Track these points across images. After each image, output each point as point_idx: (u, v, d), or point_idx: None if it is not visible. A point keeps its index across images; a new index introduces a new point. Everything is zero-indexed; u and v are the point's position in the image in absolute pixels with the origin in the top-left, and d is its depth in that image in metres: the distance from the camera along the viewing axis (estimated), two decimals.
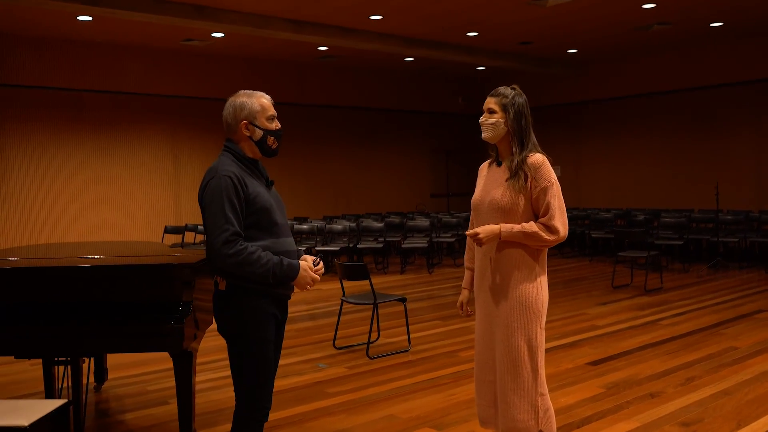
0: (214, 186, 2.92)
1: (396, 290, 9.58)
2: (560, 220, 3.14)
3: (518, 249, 3.18)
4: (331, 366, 5.74)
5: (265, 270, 2.88)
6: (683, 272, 10.71)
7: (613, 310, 7.87)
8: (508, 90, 3.26)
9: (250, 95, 3.07)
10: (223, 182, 2.91)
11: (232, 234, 2.86)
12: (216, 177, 2.94)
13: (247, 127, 3.06)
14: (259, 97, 3.07)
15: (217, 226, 2.87)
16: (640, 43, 12.72)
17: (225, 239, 2.85)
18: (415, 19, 10.45)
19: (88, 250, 4.56)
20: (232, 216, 2.87)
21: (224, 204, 2.87)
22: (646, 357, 5.76)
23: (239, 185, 2.92)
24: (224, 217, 2.86)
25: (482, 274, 3.29)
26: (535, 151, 3.23)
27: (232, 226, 2.86)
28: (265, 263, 2.88)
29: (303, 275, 3.02)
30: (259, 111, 3.04)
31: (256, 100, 3.05)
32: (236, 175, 2.93)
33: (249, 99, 3.06)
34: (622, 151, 14.76)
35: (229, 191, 2.89)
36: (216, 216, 2.88)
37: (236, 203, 2.89)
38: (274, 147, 3.10)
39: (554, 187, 3.16)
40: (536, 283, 3.20)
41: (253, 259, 2.86)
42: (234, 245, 2.85)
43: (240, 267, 2.87)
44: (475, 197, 3.35)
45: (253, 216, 2.94)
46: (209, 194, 2.93)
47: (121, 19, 9.62)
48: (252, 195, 2.95)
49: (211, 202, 2.91)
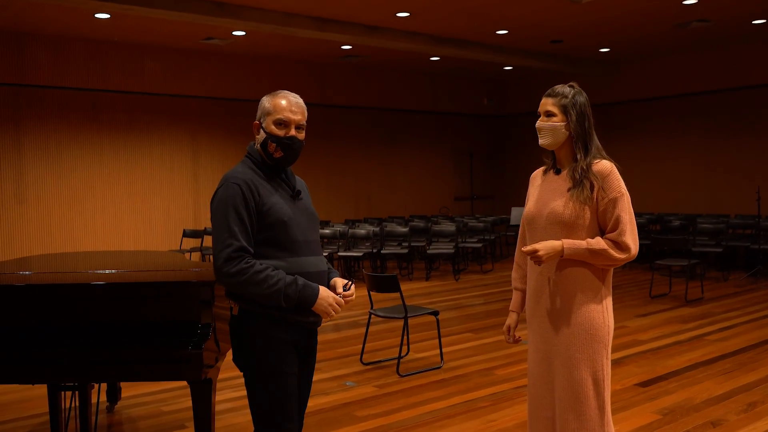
0: (220, 196, 2.57)
1: (422, 298, 9.21)
2: (631, 236, 2.75)
3: (582, 268, 2.79)
4: (359, 384, 5.38)
5: (274, 291, 2.50)
6: (722, 281, 10.23)
7: (654, 322, 7.44)
8: (567, 89, 2.87)
9: (274, 95, 2.71)
10: (230, 191, 2.55)
11: (235, 250, 2.49)
12: (224, 185, 2.58)
13: (257, 128, 2.71)
14: (281, 97, 2.69)
15: (219, 240, 2.52)
16: (675, 42, 12.24)
17: (227, 256, 2.49)
18: (444, 16, 10.06)
19: (98, 263, 4.22)
20: (237, 229, 2.51)
21: (229, 215, 2.52)
22: (699, 378, 5.33)
23: (250, 194, 2.56)
24: (228, 230, 2.51)
25: (538, 297, 2.90)
26: (601, 157, 2.84)
27: (236, 241, 2.50)
28: (274, 283, 2.50)
29: (322, 301, 2.59)
30: (270, 111, 2.67)
31: (273, 99, 2.69)
32: (247, 183, 2.58)
33: (269, 97, 2.70)
34: (654, 153, 14.27)
35: (236, 201, 2.53)
36: (219, 229, 2.53)
37: (244, 215, 2.54)
38: (276, 156, 2.68)
39: (625, 198, 2.77)
40: (602, 306, 2.80)
41: (259, 278, 2.49)
42: (237, 263, 2.49)
43: (244, 287, 2.51)
44: (529, 209, 2.95)
45: (268, 230, 2.58)
46: (215, 205, 2.59)
47: (139, 16, 9.33)
48: (266, 206, 2.58)
49: (216, 214, 2.56)
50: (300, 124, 2.71)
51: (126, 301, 3.31)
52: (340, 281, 2.76)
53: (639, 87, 14.29)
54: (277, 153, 2.67)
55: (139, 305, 3.30)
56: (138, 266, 4.06)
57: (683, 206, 13.64)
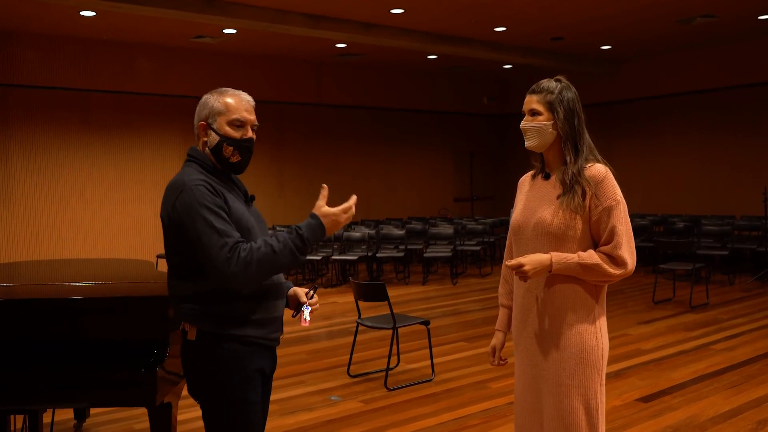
0: (187, 201, 2.26)
1: (418, 303, 8.93)
2: (628, 249, 2.45)
3: (573, 285, 2.50)
4: (344, 399, 5.09)
5: (288, 253, 2.23)
6: (728, 285, 9.92)
7: (658, 330, 7.14)
8: (553, 83, 2.57)
9: (221, 92, 2.41)
10: (197, 192, 2.25)
11: (232, 247, 2.19)
12: (186, 190, 2.28)
13: (205, 129, 2.42)
14: (230, 95, 2.40)
15: (211, 245, 2.20)
16: (679, 38, 11.92)
17: (225, 257, 2.18)
18: (440, 13, 9.76)
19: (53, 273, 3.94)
20: (222, 226, 2.22)
21: (208, 216, 2.22)
22: (705, 392, 5.03)
23: (217, 194, 2.28)
24: (215, 231, 2.20)
25: (525, 316, 2.60)
26: (594, 159, 2.55)
27: (229, 238, 2.20)
28: (282, 246, 2.22)
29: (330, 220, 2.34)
30: (222, 111, 2.39)
31: (223, 98, 2.40)
32: (210, 184, 2.30)
33: (215, 96, 2.41)
34: (657, 153, 13.95)
35: (207, 199, 2.24)
36: (205, 235, 2.21)
37: (221, 212, 2.25)
38: (233, 160, 2.40)
39: (620, 206, 2.47)
40: (595, 327, 2.51)
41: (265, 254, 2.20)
42: (236, 258, 2.18)
43: (261, 275, 2.23)
44: (516, 218, 2.65)
45: None
46: (185, 212, 2.26)
47: (126, 14, 9.06)
48: (232, 209, 2.31)
49: (192, 222, 2.24)
50: (255, 125, 2.45)
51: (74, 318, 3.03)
52: (300, 290, 2.53)
53: (642, 85, 13.97)
54: (233, 157, 2.40)
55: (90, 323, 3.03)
56: (95, 277, 3.77)
57: (687, 207, 13.32)
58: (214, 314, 2.29)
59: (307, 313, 2.43)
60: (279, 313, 2.43)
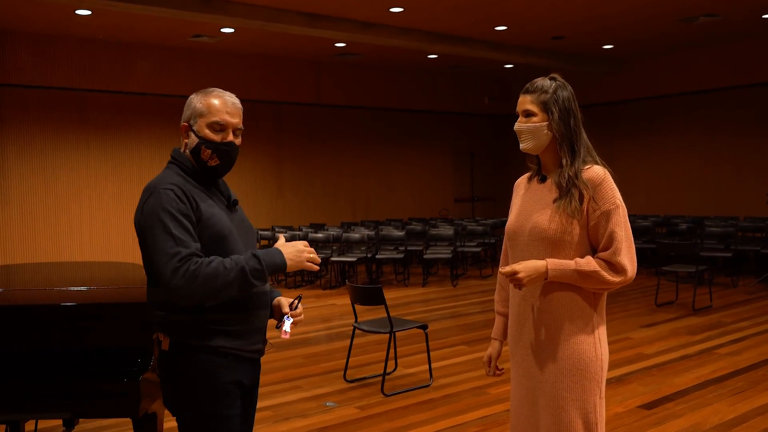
0: (151, 206, 2.17)
1: (417, 305, 8.82)
2: (627, 254, 2.34)
3: (570, 293, 2.38)
4: (340, 405, 4.98)
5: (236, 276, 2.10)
6: (731, 287, 9.79)
7: (660, 333, 7.01)
8: (547, 82, 2.45)
9: (206, 93, 2.31)
10: (162, 197, 2.15)
11: (181, 259, 2.08)
12: (153, 194, 2.18)
13: (186, 131, 2.32)
14: (214, 96, 2.29)
15: (163, 254, 2.09)
16: (682, 37, 11.80)
17: (173, 268, 2.07)
18: (439, 11, 9.65)
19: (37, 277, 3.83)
20: (181, 236, 2.11)
21: (167, 223, 2.11)
22: (709, 398, 4.91)
23: (186, 199, 2.18)
24: (171, 238, 2.09)
25: (521, 326, 2.49)
26: (592, 161, 2.44)
27: (183, 248, 2.09)
28: (231, 267, 2.10)
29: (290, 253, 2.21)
30: (203, 113, 2.28)
31: (206, 99, 2.29)
32: (180, 188, 2.20)
33: (199, 97, 2.31)
34: (659, 153, 13.83)
35: (171, 205, 2.14)
36: (159, 242, 2.11)
37: (183, 220, 2.14)
38: (211, 164, 2.29)
39: (620, 210, 2.36)
40: (594, 338, 2.39)
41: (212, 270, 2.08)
42: (184, 270, 2.06)
43: (204, 294, 2.10)
44: (511, 222, 2.54)
45: (205, 246, 2.18)
46: (145, 217, 2.17)
47: (122, 12, 8.97)
48: (204, 217, 2.19)
49: (150, 227, 2.14)
50: (238, 128, 2.33)
51: (55, 325, 2.92)
52: (284, 299, 2.39)
53: (644, 85, 13.84)
54: (212, 161, 2.29)
55: (72, 330, 2.92)
56: (77, 282, 3.67)
57: (690, 208, 13.19)
58: (187, 324, 2.19)
59: (287, 325, 2.28)
60: (260, 324, 2.32)
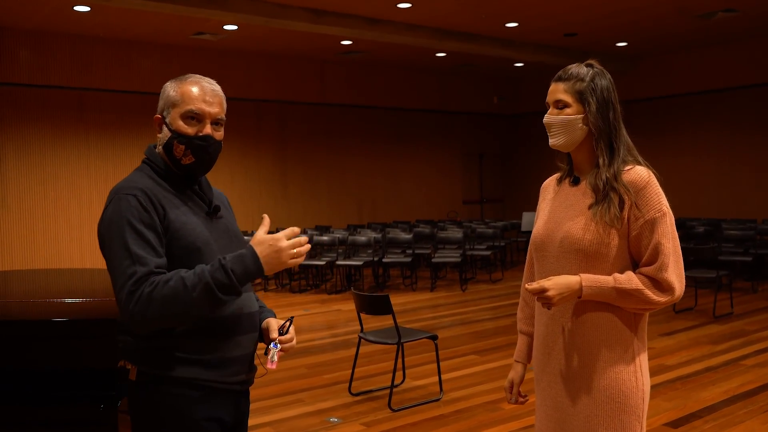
0: (110, 214, 1.86)
1: (425, 311, 8.51)
2: (675, 270, 2.01)
3: (607, 313, 2.07)
4: (344, 420, 4.68)
5: (202, 291, 1.76)
6: (751, 293, 9.45)
7: (682, 343, 6.68)
8: (584, 68, 2.14)
9: (181, 80, 2.00)
10: (123, 204, 1.84)
11: (140, 279, 1.77)
12: (114, 200, 1.88)
13: (159, 123, 2.01)
14: (191, 83, 1.98)
15: (119, 272, 1.79)
16: (698, 34, 11.46)
17: (128, 291, 1.76)
18: (448, 7, 9.34)
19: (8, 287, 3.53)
20: (141, 252, 1.79)
21: (126, 236, 1.80)
22: (739, 415, 4.59)
23: (151, 207, 1.86)
24: (128, 256, 1.79)
25: (549, 349, 2.17)
26: (634, 161, 2.12)
27: (141, 267, 1.78)
28: (196, 282, 1.76)
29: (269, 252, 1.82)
30: (176, 102, 1.96)
31: (181, 86, 1.97)
32: (146, 193, 1.87)
33: (176, 83, 1.99)
34: (675, 154, 13.48)
35: (132, 216, 1.83)
36: (116, 258, 1.81)
37: (147, 232, 1.82)
38: (185, 162, 1.96)
39: (666, 219, 2.03)
40: (634, 366, 2.07)
41: (171, 290, 1.75)
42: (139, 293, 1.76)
43: (164, 318, 1.78)
44: (538, 231, 2.22)
45: (176, 260, 1.86)
46: (106, 227, 1.86)
47: (121, 8, 8.69)
48: (174, 226, 1.88)
49: (108, 240, 1.84)
50: (218, 119, 2.00)
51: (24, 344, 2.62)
52: (274, 322, 2.04)
53: (659, 83, 13.50)
54: (186, 158, 1.97)
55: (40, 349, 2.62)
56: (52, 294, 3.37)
57: (707, 210, 12.84)
58: (155, 351, 1.87)
59: (274, 353, 1.93)
60: (244, 351, 1.97)
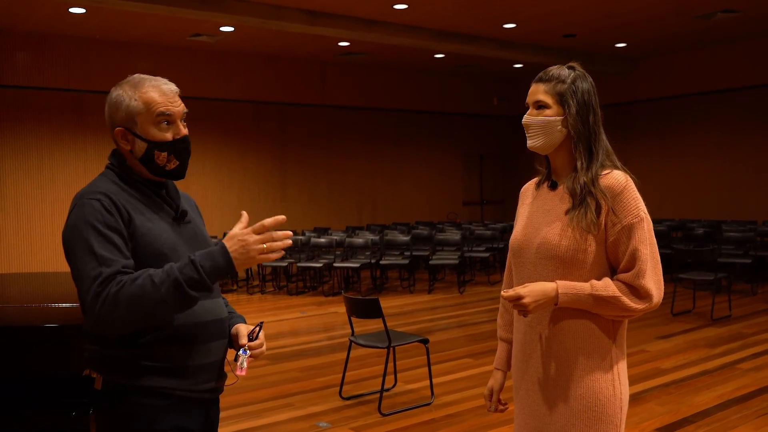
0: (73, 219, 1.82)
1: (422, 314, 8.47)
2: (653, 277, 1.97)
3: (584, 321, 2.02)
4: (334, 425, 4.64)
5: (170, 287, 1.71)
6: (750, 295, 9.38)
7: (678, 346, 6.63)
8: (564, 70, 2.09)
9: (134, 85, 1.92)
10: (87, 209, 1.80)
11: (105, 279, 1.72)
12: (78, 205, 1.83)
13: (124, 136, 1.93)
14: (148, 88, 1.91)
15: (84, 276, 1.75)
16: (698, 35, 11.39)
17: (94, 293, 1.72)
18: (445, 8, 9.30)
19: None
20: (106, 253, 1.75)
21: (90, 239, 1.76)
22: (733, 420, 4.53)
23: (116, 211, 1.82)
24: (94, 258, 1.74)
25: (527, 357, 2.13)
26: (612, 166, 2.07)
27: (106, 268, 1.73)
28: (163, 280, 1.72)
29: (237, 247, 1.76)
30: (141, 111, 1.90)
31: (139, 92, 1.90)
32: (110, 198, 1.83)
33: (128, 91, 1.92)
34: (675, 155, 13.41)
35: (95, 218, 1.78)
36: (81, 261, 1.76)
37: (110, 234, 1.78)
38: (170, 167, 1.94)
39: (644, 224, 1.99)
40: (612, 374, 2.03)
41: (138, 288, 1.71)
42: (105, 294, 1.71)
43: (132, 317, 1.73)
44: (516, 236, 2.18)
45: (143, 265, 1.81)
46: (70, 232, 1.82)
47: (116, 10, 8.67)
48: (139, 232, 1.84)
49: (72, 245, 1.80)
50: (185, 114, 1.98)
51: None
52: (244, 327, 2.01)
53: (659, 84, 13.43)
54: (170, 164, 1.94)
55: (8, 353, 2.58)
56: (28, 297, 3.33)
57: (707, 212, 12.76)
58: (120, 360, 1.84)
59: (243, 360, 1.88)
60: (213, 359, 1.94)
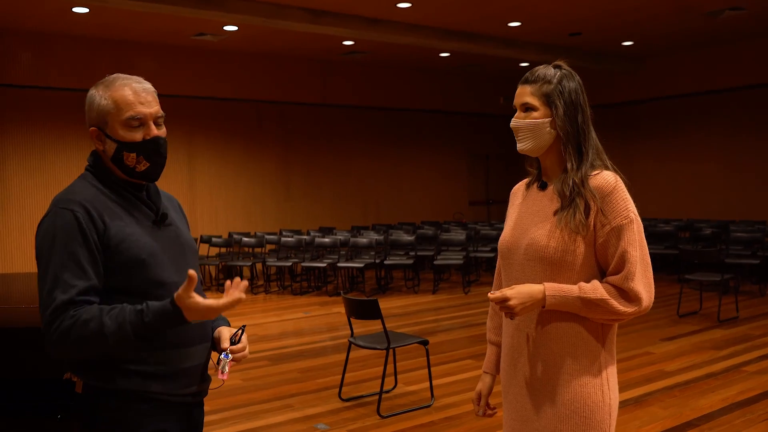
0: (46, 227, 1.80)
1: (427, 314, 8.42)
2: (642, 280, 1.92)
3: (573, 323, 1.97)
4: (332, 427, 4.59)
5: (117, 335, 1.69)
6: (758, 296, 9.27)
7: (683, 348, 6.54)
8: (550, 70, 2.04)
9: (107, 85, 1.88)
10: (59, 220, 1.77)
11: (57, 308, 1.70)
12: (51, 213, 1.80)
13: (98, 136, 1.91)
14: (120, 87, 1.87)
15: (42, 293, 1.75)
16: (706, 34, 11.27)
17: (47, 319, 1.72)
18: (449, 6, 9.23)
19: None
20: (67, 276, 1.73)
21: (54, 257, 1.74)
22: (738, 424, 4.46)
23: (90, 224, 1.78)
24: (53, 280, 1.73)
25: (514, 360, 2.08)
26: (602, 166, 2.02)
27: (62, 294, 1.71)
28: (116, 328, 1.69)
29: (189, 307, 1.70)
30: (111, 110, 1.86)
31: (111, 92, 1.87)
32: (85, 207, 1.80)
33: (101, 91, 1.88)
34: (682, 155, 13.29)
35: (67, 234, 1.76)
36: (42, 278, 1.76)
37: (81, 253, 1.75)
38: (140, 168, 1.89)
39: (633, 226, 1.93)
40: (601, 379, 1.97)
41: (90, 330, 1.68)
42: (59, 323, 1.70)
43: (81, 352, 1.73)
44: (505, 238, 2.13)
45: (119, 274, 1.79)
46: (40, 239, 1.81)
47: (120, 9, 8.64)
48: (116, 239, 1.80)
49: (40, 255, 1.79)
50: (158, 117, 1.93)
51: None
52: (226, 331, 1.98)
53: (666, 83, 13.30)
54: (140, 165, 1.90)
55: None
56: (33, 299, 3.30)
57: (714, 212, 12.65)
58: (101, 364, 1.81)
59: (225, 364, 1.85)
60: (195, 362, 1.91)
